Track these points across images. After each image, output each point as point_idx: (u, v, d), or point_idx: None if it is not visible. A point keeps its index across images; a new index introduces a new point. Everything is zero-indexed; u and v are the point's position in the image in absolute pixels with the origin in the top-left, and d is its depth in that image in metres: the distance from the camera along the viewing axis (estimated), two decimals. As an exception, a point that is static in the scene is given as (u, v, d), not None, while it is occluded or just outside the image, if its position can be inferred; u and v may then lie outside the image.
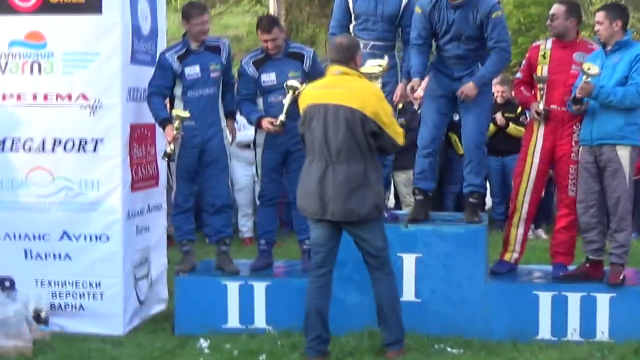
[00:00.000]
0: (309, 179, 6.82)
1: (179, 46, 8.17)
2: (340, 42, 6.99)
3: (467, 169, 8.11)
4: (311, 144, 6.84)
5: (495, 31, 7.80)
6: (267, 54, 8.19)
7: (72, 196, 7.83)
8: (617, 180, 7.48)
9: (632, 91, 7.35)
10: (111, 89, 7.80)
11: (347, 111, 6.69)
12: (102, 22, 7.75)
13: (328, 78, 6.96)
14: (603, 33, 7.54)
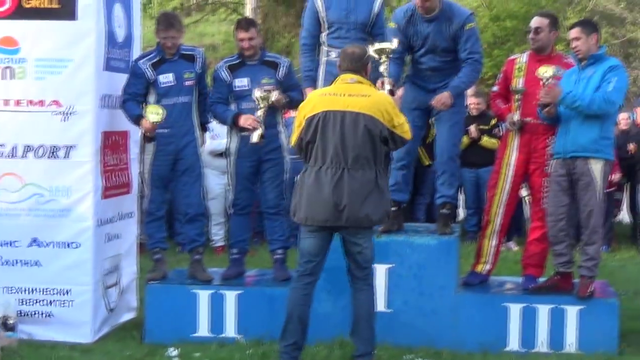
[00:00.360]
0: (319, 186, 6.74)
1: (153, 53, 8.17)
2: (353, 52, 7.02)
3: (440, 180, 8.14)
4: (323, 151, 6.77)
5: (469, 42, 7.85)
6: (242, 60, 8.20)
7: (42, 203, 7.79)
8: (589, 194, 7.53)
9: (599, 97, 7.40)
10: (84, 95, 7.77)
11: (366, 119, 6.72)
12: (76, 28, 7.73)
13: (341, 86, 6.93)
14: (582, 48, 7.58)
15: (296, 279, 7.04)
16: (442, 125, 8.02)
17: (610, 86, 7.43)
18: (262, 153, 8.11)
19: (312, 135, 6.80)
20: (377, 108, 6.78)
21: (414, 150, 8.23)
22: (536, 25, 7.92)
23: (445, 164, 8.06)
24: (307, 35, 8.33)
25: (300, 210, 6.86)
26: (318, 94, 7.08)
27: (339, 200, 6.69)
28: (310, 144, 6.83)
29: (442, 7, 7.87)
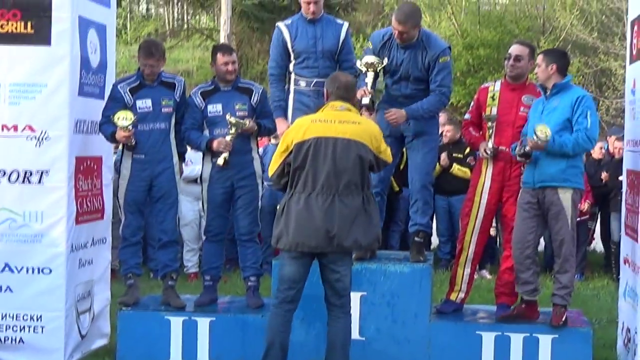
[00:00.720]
0: (310, 212, 6.77)
1: (133, 78, 8.21)
2: (347, 81, 7.13)
3: (414, 208, 8.16)
4: (314, 177, 6.81)
5: (440, 75, 7.91)
6: (216, 86, 8.23)
7: (15, 228, 7.76)
8: (560, 223, 7.56)
9: (582, 137, 7.45)
10: (58, 120, 7.75)
11: (358, 145, 6.83)
12: (50, 53, 7.73)
13: (331, 112, 6.99)
14: (540, 76, 7.68)
15: (277, 305, 7.03)
16: (415, 154, 8.06)
17: (588, 122, 7.48)
18: (235, 180, 8.12)
19: (302, 161, 6.83)
20: (367, 135, 6.90)
21: (387, 178, 8.26)
22: (517, 53, 7.95)
23: (418, 192, 8.09)
24: (275, 65, 8.38)
25: (286, 237, 6.84)
26: (309, 120, 7.07)
27: (331, 226, 6.73)
28: (299, 170, 6.84)
29: (420, 37, 7.93)
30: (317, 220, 6.75)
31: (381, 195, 8.17)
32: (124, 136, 7.91)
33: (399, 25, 7.79)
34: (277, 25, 8.27)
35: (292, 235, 6.81)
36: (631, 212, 8.09)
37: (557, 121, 7.50)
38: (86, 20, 8.06)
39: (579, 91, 7.78)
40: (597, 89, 27.63)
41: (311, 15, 8.11)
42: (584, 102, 7.55)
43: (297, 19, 8.20)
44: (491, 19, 29.44)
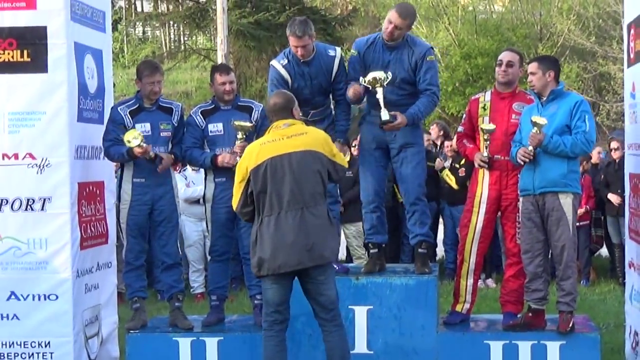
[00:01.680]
0: (283, 232, 6.79)
1: (132, 101, 8.25)
2: (275, 103, 7.15)
3: (411, 221, 8.16)
4: (278, 196, 6.82)
5: (429, 74, 7.94)
6: (216, 105, 8.27)
7: (20, 255, 7.80)
8: (561, 229, 7.56)
9: (580, 139, 7.47)
10: (58, 147, 7.80)
11: (313, 155, 6.90)
12: (48, 80, 7.78)
13: (277, 132, 7.02)
14: (537, 83, 7.65)
15: (268, 329, 7.04)
16: (405, 167, 8.03)
17: (586, 126, 7.50)
18: (237, 199, 8.16)
19: (263, 185, 6.86)
20: (318, 142, 6.99)
21: (382, 191, 8.26)
22: (509, 59, 7.97)
23: (413, 205, 8.08)
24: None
25: (266, 262, 6.84)
26: (257, 144, 7.06)
27: (307, 240, 6.78)
28: (262, 194, 6.87)
29: (405, 38, 7.97)
30: (291, 237, 6.78)
31: (380, 209, 8.18)
32: (140, 152, 7.93)
33: (398, 18, 7.78)
34: (272, 65, 8.17)
35: (272, 259, 6.81)
36: (635, 216, 8.12)
37: (557, 127, 7.52)
38: (82, 46, 8.12)
39: (576, 96, 7.83)
40: (596, 93, 27.71)
41: (301, 58, 8.02)
42: (581, 106, 7.59)
43: (292, 58, 8.09)
44: (488, 28, 29.53)
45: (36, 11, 7.77)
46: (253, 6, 32.66)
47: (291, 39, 7.96)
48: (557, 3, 28.82)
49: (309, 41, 7.95)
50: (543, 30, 29.23)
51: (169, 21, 38.44)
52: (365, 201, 8.13)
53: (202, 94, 34.23)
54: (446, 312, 8.40)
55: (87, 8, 8.26)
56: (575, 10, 27.96)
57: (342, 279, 7.69)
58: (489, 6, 31.62)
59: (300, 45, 7.93)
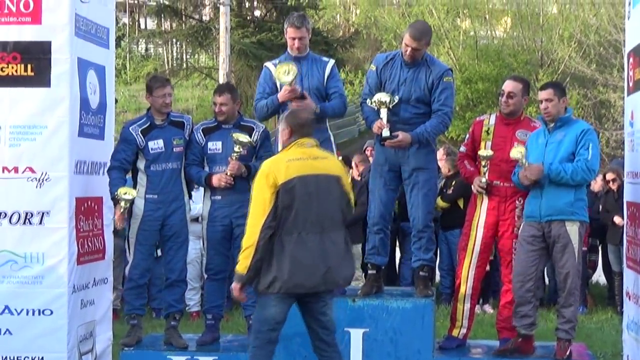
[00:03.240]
0: (305, 253, 6.67)
1: (143, 119, 8.26)
2: (307, 118, 7.07)
3: (416, 245, 8.13)
4: (302, 217, 6.68)
5: (444, 94, 7.92)
6: (218, 123, 8.28)
7: (16, 269, 7.77)
8: (566, 256, 7.55)
9: (581, 167, 7.47)
10: (58, 161, 7.80)
11: (336, 180, 6.87)
12: (50, 95, 7.78)
13: (302, 150, 6.87)
14: (552, 110, 7.64)
15: (260, 347, 6.87)
16: (415, 192, 8.01)
17: (589, 154, 7.51)
18: (233, 218, 8.14)
19: (290, 201, 6.67)
20: (340, 169, 7.05)
21: (388, 213, 8.25)
22: (509, 90, 7.95)
23: (421, 232, 8.06)
24: (261, 98, 8.18)
25: (281, 280, 6.65)
26: (282, 159, 6.86)
27: (326, 265, 6.71)
28: (286, 210, 6.67)
29: (424, 57, 7.99)
30: (310, 260, 6.69)
31: (384, 232, 8.16)
32: (118, 220, 8.01)
33: (413, 42, 7.81)
34: (265, 66, 8.24)
35: (288, 278, 6.65)
36: (632, 244, 8.09)
37: (563, 154, 7.54)
38: (85, 62, 8.13)
39: (583, 124, 7.84)
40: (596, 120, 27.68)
41: (296, 51, 8.07)
42: (587, 135, 7.61)
43: (284, 58, 8.20)
44: (489, 53, 29.58)
45: (41, 26, 7.79)
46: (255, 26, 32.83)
47: (289, 30, 8.05)
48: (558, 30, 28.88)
49: (305, 34, 8.06)
50: (544, 56, 29.27)
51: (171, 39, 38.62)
52: (370, 222, 8.12)
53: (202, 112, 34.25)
54: (442, 336, 8.37)
55: (92, 24, 8.27)
56: (577, 37, 28.01)
57: (339, 301, 7.65)
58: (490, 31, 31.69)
59: (298, 36, 8.02)
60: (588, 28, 28.52)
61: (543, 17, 29.63)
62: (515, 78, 8.28)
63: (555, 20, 29.58)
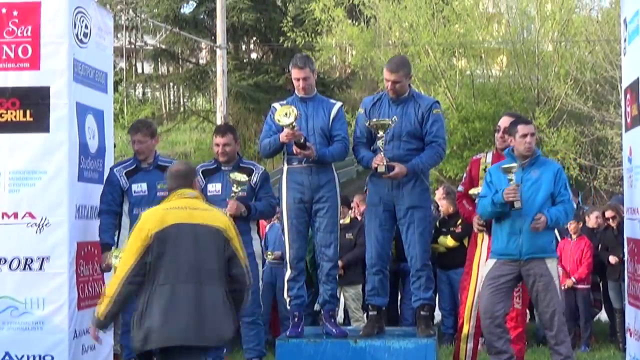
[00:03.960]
0: (175, 304, 6.19)
1: (129, 162, 8.32)
2: (178, 169, 6.70)
3: (416, 285, 8.11)
4: (176, 267, 6.26)
5: (435, 126, 7.95)
6: (217, 165, 8.31)
7: (16, 315, 7.77)
8: (550, 294, 7.52)
9: (570, 208, 7.59)
10: (58, 206, 7.82)
11: (217, 232, 6.43)
12: (49, 140, 7.83)
13: (182, 200, 6.51)
14: (531, 146, 7.63)
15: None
16: (412, 232, 7.99)
17: (569, 194, 7.63)
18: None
19: (163, 251, 6.28)
20: (222, 222, 6.53)
21: (385, 254, 8.22)
22: (506, 126, 7.97)
23: (419, 271, 8.04)
24: (266, 135, 8.13)
25: (154, 333, 6.18)
26: (160, 209, 6.53)
27: (198, 318, 6.23)
28: (159, 261, 6.26)
29: (411, 92, 8.04)
30: (184, 311, 6.20)
31: (383, 272, 8.13)
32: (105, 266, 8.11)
33: (391, 74, 7.87)
34: (272, 106, 8.29)
35: (161, 330, 6.18)
36: (633, 281, 8.09)
37: (545, 195, 7.55)
38: (84, 107, 8.18)
39: (555, 163, 7.98)
40: (594, 157, 27.76)
41: (302, 92, 8.08)
42: (562, 173, 7.69)
43: (292, 99, 8.22)
44: (485, 92, 29.65)
45: (40, 72, 7.86)
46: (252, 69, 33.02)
47: (293, 72, 8.06)
48: (554, 68, 28.97)
49: (310, 74, 8.04)
50: (540, 94, 29.33)
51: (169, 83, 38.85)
52: (368, 264, 8.11)
53: (200, 155, 34.30)
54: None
55: (90, 69, 8.33)
56: (573, 75, 28.09)
57: (340, 342, 7.64)
58: (486, 70, 31.79)
59: (302, 76, 8.01)
60: (584, 65, 28.62)
61: (538, 55, 29.72)
62: (511, 114, 8.32)
63: (550, 58, 29.68)
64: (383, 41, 30.92)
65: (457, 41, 29.63)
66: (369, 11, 30.37)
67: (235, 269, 6.51)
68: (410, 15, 29.32)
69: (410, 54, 28.36)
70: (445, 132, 8.16)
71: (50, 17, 7.94)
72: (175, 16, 32.56)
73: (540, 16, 29.74)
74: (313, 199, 7.93)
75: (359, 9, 30.97)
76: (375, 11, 30.29)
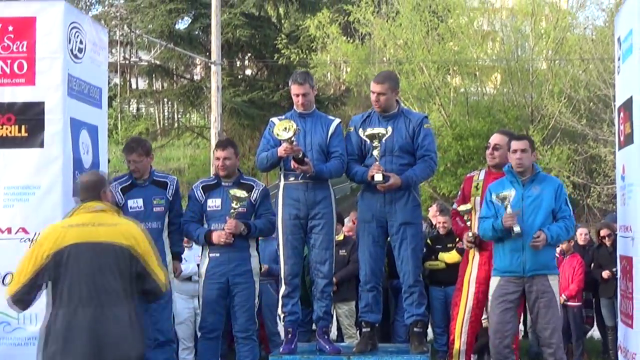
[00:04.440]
0: (73, 330, 5.99)
1: (125, 177, 8.34)
2: (86, 180, 6.48)
3: (408, 301, 8.13)
4: (74, 289, 6.04)
5: (426, 140, 8.02)
6: (218, 181, 8.32)
7: (9, 331, 7.76)
8: (551, 311, 7.55)
9: (570, 225, 7.62)
10: (51, 221, 7.75)
11: (118, 249, 6.14)
12: (44, 155, 7.85)
13: (87, 215, 6.27)
14: (527, 162, 7.68)
15: None
16: (404, 248, 8.04)
17: (569, 209, 7.66)
18: (230, 276, 8.16)
19: (58, 273, 6.06)
20: (129, 237, 6.23)
21: (379, 270, 8.25)
22: (495, 142, 8.07)
23: (412, 287, 8.08)
24: (263, 149, 8.17)
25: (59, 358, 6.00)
26: (60, 226, 6.32)
27: (101, 342, 6.00)
28: (56, 283, 6.07)
29: (399, 108, 8.11)
30: (83, 337, 5.98)
31: (376, 289, 8.16)
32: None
33: (376, 86, 7.96)
34: (270, 120, 8.31)
35: (62, 356, 5.99)
36: (625, 298, 8.10)
37: (545, 211, 7.59)
38: (78, 122, 8.19)
39: (556, 179, 8.00)
40: (587, 175, 27.80)
41: (301, 107, 8.11)
42: (563, 189, 7.74)
43: (290, 114, 8.24)
44: (480, 109, 29.71)
45: (35, 87, 7.88)
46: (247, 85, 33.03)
47: (292, 87, 8.09)
48: (548, 86, 29.04)
49: (309, 90, 8.07)
50: (534, 112, 29.39)
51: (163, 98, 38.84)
52: (362, 280, 8.13)
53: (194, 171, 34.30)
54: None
55: (84, 84, 8.35)
56: (566, 93, 28.17)
57: (334, 359, 7.64)
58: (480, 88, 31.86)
59: (301, 92, 8.04)
60: (578, 83, 28.71)
61: (532, 73, 29.83)
62: (502, 132, 8.41)
63: (544, 76, 29.77)
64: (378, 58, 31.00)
65: (451, 59, 29.70)
66: (363, 28, 30.45)
67: (148, 285, 6.29)
68: (405, 32, 29.39)
69: (405, 71, 28.44)
70: (436, 147, 8.23)
71: (45, 32, 7.97)
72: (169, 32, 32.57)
73: (535, 34, 29.83)
74: (309, 215, 7.96)
75: (353, 26, 31.06)
76: (370, 28, 30.37)
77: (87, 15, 8.51)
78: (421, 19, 29.33)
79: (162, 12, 32.66)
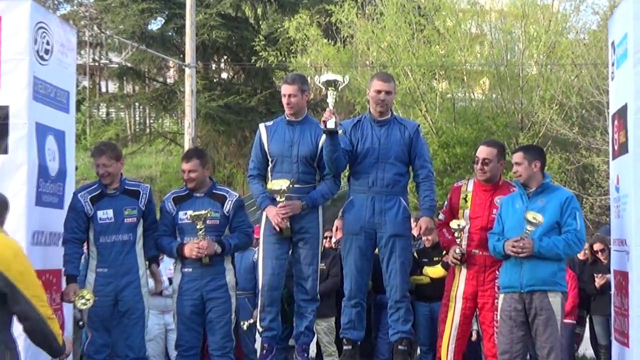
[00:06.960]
0: None
1: (94, 186, 8.23)
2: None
3: (394, 317, 8.13)
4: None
5: (424, 149, 8.13)
6: (190, 192, 8.25)
7: None
8: (549, 329, 7.52)
9: (572, 239, 7.51)
10: (15, 232, 7.67)
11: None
12: (7, 162, 7.77)
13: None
14: (523, 174, 7.70)
15: None
16: (393, 261, 8.05)
17: (577, 224, 7.57)
18: (204, 291, 8.09)
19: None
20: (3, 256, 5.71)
21: (364, 284, 8.25)
22: (484, 157, 8.01)
23: (399, 302, 8.08)
24: (254, 167, 8.31)
25: None
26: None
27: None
28: None
29: (393, 115, 8.15)
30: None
31: (361, 305, 8.16)
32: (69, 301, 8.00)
33: (384, 84, 8.00)
34: (259, 125, 8.32)
35: None
36: (619, 315, 8.10)
37: (547, 223, 7.54)
38: (44, 127, 8.13)
39: (565, 191, 7.91)
40: (580, 185, 27.89)
41: (288, 109, 8.11)
42: (572, 202, 7.66)
43: (280, 120, 8.22)
44: (467, 116, 29.76)
45: (-1, 90, 7.81)
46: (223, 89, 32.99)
47: (282, 88, 8.14)
48: (538, 91, 29.15)
49: (297, 92, 8.07)
50: (524, 119, 29.50)
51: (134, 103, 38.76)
52: (347, 295, 8.12)
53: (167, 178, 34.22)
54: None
55: (51, 87, 8.30)
56: (558, 99, 28.26)
57: (313, 378, 7.63)
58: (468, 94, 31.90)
59: (288, 93, 8.06)
60: (570, 89, 28.81)
61: (523, 78, 29.93)
62: (488, 143, 8.29)
63: (535, 81, 29.87)
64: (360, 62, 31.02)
65: (437, 62, 29.76)
66: (346, 30, 30.46)
67: (17, 306, 5.73)
68: (389, 35, 29.42)
69: (389, 75, 28.48)
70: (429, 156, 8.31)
71: (10, 32, 7.91)
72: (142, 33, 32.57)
73: (526, 37, 29.92)
74: (294, 230, 7.94)
75: (335, 28, 31.07)
76: (352, 30, 30.39)
77: (55, 14, 8.46)
78: (406, 21, 29.39)
79: (133, 12, 32.65)
